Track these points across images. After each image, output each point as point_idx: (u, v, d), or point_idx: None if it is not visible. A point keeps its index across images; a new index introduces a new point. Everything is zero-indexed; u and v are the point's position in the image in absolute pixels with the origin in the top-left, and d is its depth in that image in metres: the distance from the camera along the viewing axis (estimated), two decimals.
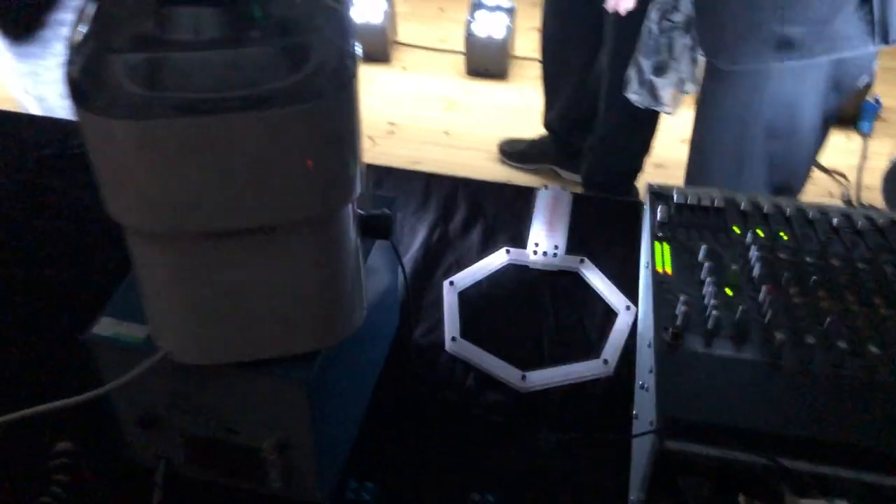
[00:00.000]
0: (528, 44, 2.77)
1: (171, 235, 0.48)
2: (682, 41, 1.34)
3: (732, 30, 1.14)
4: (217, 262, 0.49)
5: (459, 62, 2.72)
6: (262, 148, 0.45)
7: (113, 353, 0.57)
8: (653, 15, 1.34)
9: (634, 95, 1.41)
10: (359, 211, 0.55)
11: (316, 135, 0.47)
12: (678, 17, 1.31)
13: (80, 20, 0.46)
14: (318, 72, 0.45)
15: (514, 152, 2.31)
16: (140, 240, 0.49)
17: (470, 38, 2.64)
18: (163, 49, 0.44)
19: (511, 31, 2.66)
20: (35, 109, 1.33)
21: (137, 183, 0.45)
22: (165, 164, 0.44)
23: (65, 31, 1.18)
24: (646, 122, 1.91)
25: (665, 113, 1.45)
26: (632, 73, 1.40)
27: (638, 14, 1.40)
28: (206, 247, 0.49)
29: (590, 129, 2.08)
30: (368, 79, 2.67)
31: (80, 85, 0.44)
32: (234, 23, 0.45)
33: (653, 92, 1.39)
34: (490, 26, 2.63)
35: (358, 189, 0.51)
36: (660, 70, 1.36)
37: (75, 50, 0.45)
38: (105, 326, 0.57)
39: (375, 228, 0.59)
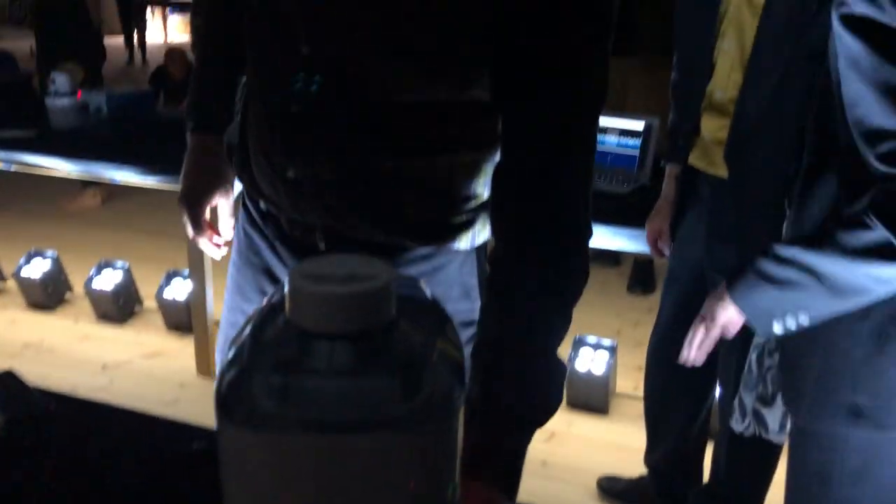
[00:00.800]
0: (631, 382, 2.83)
1: None
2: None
3: (810, 389, 1.17)
4: None
5: None
6: (372, 466, 0.50)
7: None
8: (752, 355, 1.39)
9: (739, 425, 1.41)
10: None
11: (420, 457, 0.51)
12: (778, 357, 1.35)
13: (236, 340, 0.54)
14: (428, 403, 0.51)
15: (613, 490, 2.26)
16: None
17: (571, 374, 2.72)
18: (298, 374, 0.52)
19: (613, 367, 2.73)
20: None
21: (259, 485, 0.50)
22: (287, 472, 0.49)
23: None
24: (757, 470, 1.87)
25: (774, 441, 1.43)
26: (735, 404, 1.42)
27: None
28: None
29: (695, 474, 2.04)
30: None
31: (226, 398, 0.51)
32: (360, 355, 0.52)
33: (759, 420, 1.39)
34: (592, 363, 2.72)
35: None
36: (764, 401, 1.38)
37: (226, 366, 0.52)
38: None
39: None
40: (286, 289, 0.53)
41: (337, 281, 0.52)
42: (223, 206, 1.27)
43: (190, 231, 1.25)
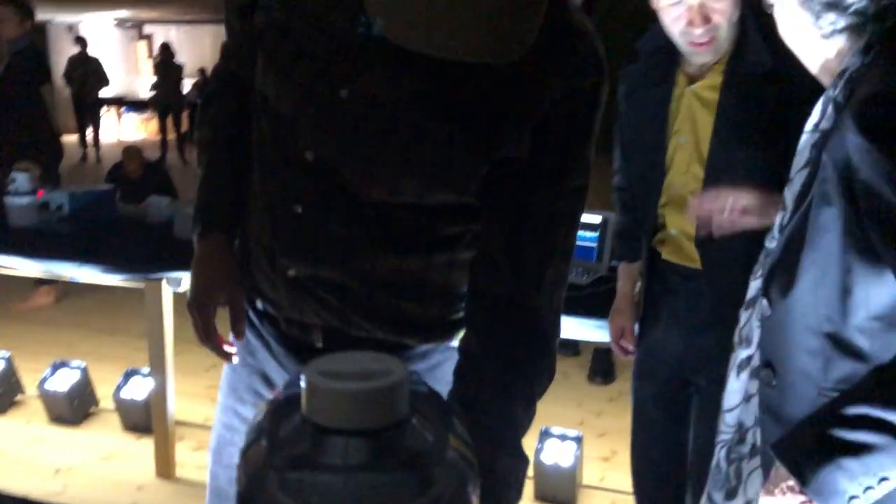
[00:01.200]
0: (596, 473, 2.82)
1: None
2: (750, 466, 1.37)
3: None
4: None
5: (528, 484, 2.75)
6: None
7: None
8: (720, 453, 1.40)
9: None
10: None
11: None
12: (745, 449, 1.37)
13: (252, 437, 0.56)
14: (442, 497, 0.53)
15: None
16: None
17: (538, 466, 2.71)
18: (313, 469, 0.53)
19: (579, 459, 2.73)
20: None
21: None
22: None
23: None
24: None
25: None
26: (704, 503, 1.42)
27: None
28: None
29: None
30: None
31: (245, 495, 0.52)
32: (376, 451, 0.54)
33: None
34: (558, 454, 2.71)
35: None
36: (730, 495, 1.38)
37: (244, 464, 0.54)
38: None
39: None
40: (303, 385, 0.55)
41: (352, 378, 0.55)
42: (235, 307, 1.18)
43: (198, 338, 1.18)
